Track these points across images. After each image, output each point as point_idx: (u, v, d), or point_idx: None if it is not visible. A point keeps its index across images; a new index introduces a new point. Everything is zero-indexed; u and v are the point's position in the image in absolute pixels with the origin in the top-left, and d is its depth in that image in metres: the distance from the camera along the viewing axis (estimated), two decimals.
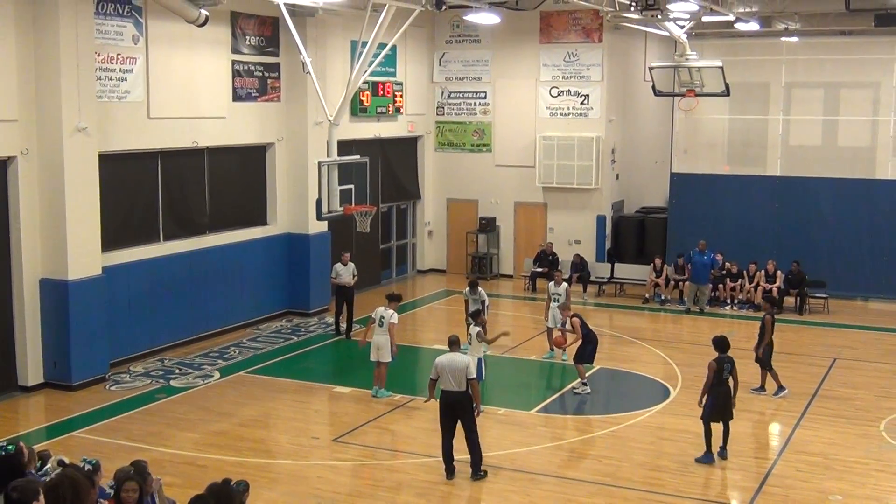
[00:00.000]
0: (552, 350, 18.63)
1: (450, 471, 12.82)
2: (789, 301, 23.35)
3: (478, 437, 12.82)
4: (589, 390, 16.63)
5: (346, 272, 20.48)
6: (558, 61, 26.02)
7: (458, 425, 12.80)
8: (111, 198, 17.54)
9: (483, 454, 12.91)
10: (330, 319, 21.75)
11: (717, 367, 13.54)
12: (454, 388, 12.70)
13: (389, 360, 16.28)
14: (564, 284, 18.81)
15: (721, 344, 13.89)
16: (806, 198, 24.94)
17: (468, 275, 19.25)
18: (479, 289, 18.76)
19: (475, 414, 12.84)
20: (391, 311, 16.33)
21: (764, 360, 16.68)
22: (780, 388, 16.65)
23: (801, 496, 12.47)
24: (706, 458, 13.49)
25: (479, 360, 15.65)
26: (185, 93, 19.21)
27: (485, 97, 27.04)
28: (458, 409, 12.72)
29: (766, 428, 15.72)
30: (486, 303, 18.65)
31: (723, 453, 13.67)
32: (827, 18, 24.10)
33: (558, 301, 18.40)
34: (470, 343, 15.93)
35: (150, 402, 15.98)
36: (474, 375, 12.90)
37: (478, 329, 16.07)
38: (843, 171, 24.81)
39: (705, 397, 13.61)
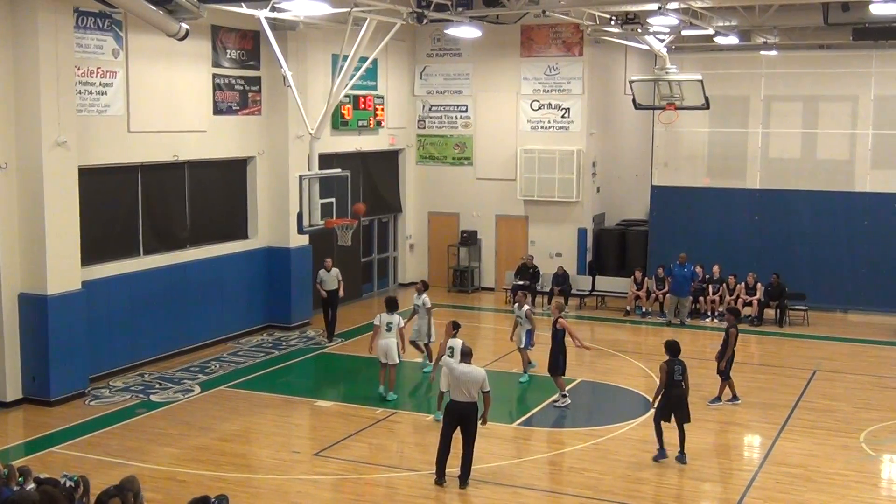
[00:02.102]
0: (526, 373, 18.49)
1: (441, 475, 12.99)
2: (769, 313, 23.46)
3: (473, 451, 12.96)
4: (569, 401, 16.64)
5: (329, 278, 20.84)
6: (539, 75, 26.12)
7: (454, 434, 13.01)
8: (91, 212, 17.45)
9: None
10: (311, 333, 21.72)
11: (668, 370, 13.95)
12: (465, 399, 12.80)
13: (398, 361, 16.86)
14: (526, 307, 18.40)
15: (672, 347, 14.28)
16: (785, 210, 25.09)
17: (417, 284, 19.38)
18: (424, 295, 18.86)
19: (481, 422, 13.09)
20: (397, 317, 16.94)
21: (725, 371, 16.83)
22: (735, 397, 16.94)
23: None
24: (660, 455, 13.96)
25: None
26: (166, 106, 19.16)
27: (466, 110, 27.10)
28: (466, 420, 12.85)
29: (746, 440, 15.77)
30: (430, 308, 18.86)
31: (681, 458, 13.90)
32: (805, 32, 24.30)
33: (521, 324, 18.29)
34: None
35: (130, 417, 15.88)
36: (489, 389, 13.03)
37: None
38: (822, 184, 24.97)
39: (658, 398, 14.06)
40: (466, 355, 13.27)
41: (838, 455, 14.42)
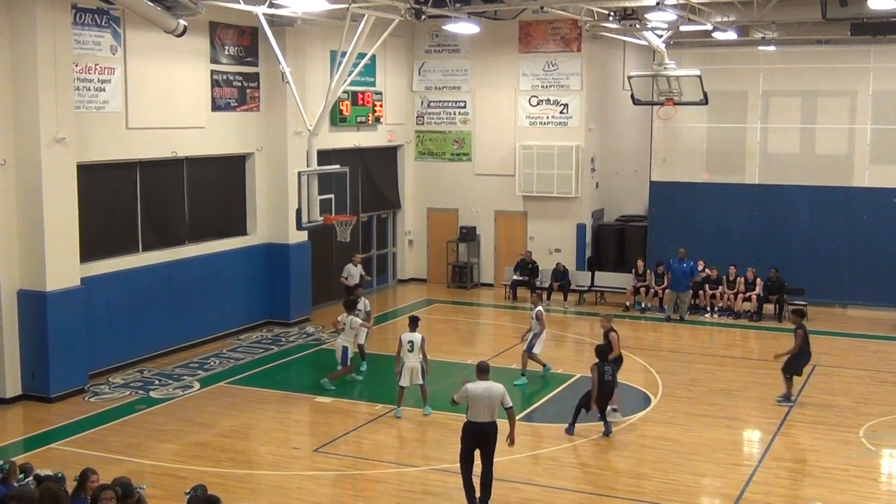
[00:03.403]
0: (524, 375, 18.10)
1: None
2: (768, 308, 23.47)
3: (493, 471, 12.11)
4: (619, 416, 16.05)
5: (356, 272, 21.13)
6: (537, 70, 26.10)
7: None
8: (90, 209, 17.45)
9: None
10: (311, 329, 21.74)
11: (599, 371, 14.84)
12: (486, 418, 11.83)
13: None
14: (539, 308, 18.08)
15: (600, 352, 15.21)
16: (784, 205, 25.09)
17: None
18: (363, 298, 18.93)
19: (508, 443, 12.11)
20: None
21: (789, 369, 16.79)
22: (787, 397, 16.77)
23: (782, 503, 12.51)
24: (569, 430, 15.11)
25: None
26: (164, 103, 19.14)
27: (464, 106, 27.08)
28: (486, 440, 11.91)
29: (746, 435, 15.78)
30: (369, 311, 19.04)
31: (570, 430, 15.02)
32: (804, 27, 24.27)
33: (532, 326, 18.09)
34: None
35: (129, 414, 15.88)
36: (511, 404, 12.09)
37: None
38: (821, 179, 24.97)
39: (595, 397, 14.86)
40: (483, 371, 12.20)
41: (838, 450, 14.44)
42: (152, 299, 18.99)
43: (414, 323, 16.31)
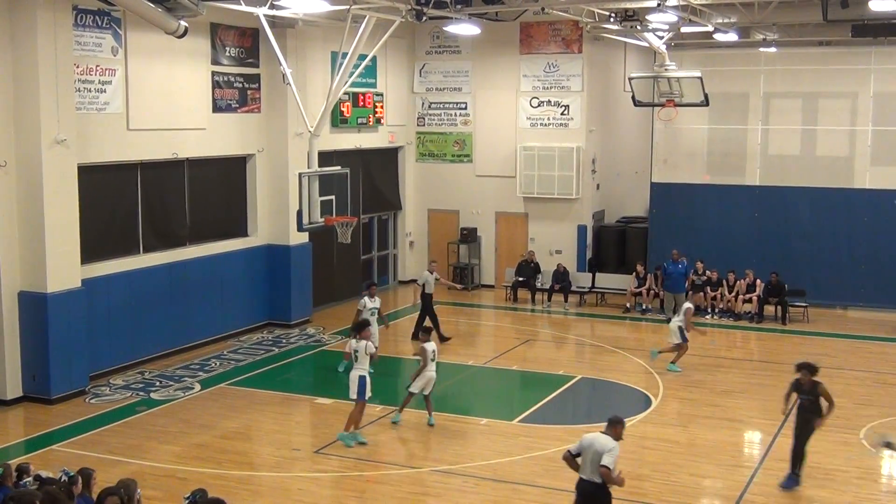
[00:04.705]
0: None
1: None
2: (769, 309, 23.46)
3: None
4: None
5: (433, 280, 20.99)
6: (538, 72, 26.11)
7: None
8: (90, 210, 17.44)
9: (465, 464, 12.86)
10: (311, 330, 21.75)
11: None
12: (587, 476, 10.17)
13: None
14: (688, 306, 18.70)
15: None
16: (785, 207, 25.09)
17: (367, 284, 19.41)
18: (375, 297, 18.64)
19: (617, 481, 10.15)
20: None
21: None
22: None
23: None
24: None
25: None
26: (165, 104, 19.15)
27: (465, 108, 27.08)
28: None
29: (747, 436, 15.77)
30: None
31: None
32: (805, 29, 24.29)
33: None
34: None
35: (130, 415, 15.88)
36: (608, 463, 10.01)
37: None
38: (822, 181, 24.97)
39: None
40: (613, 424, 10.38)
41: (839, 451, 14.42)
42: (153, 301, 18.98)
43: (427, 333, 15.77)
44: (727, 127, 25.91)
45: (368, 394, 14.52)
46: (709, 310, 23.96)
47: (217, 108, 20.50)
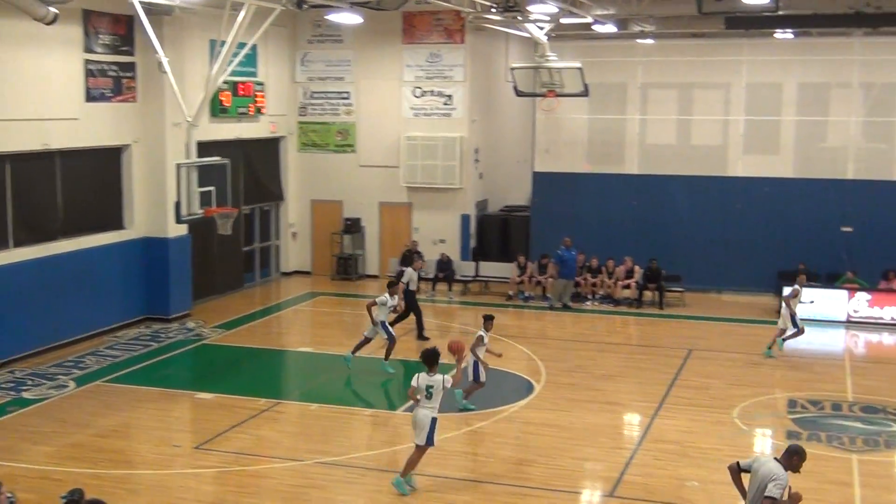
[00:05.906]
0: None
1: None
2: (647, 295, 24.04)
3: None
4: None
5: (416, 277, 20.73)
6: (421, 62, 26.11)
7: None
8: None
9: (348, 455, 12.79)
10: (191, 324, 21.31)
11: None
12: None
13: (426, 443, 13.49)
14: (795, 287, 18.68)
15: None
16: (662, 195, 25.71)
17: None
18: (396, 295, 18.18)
19: None
20: (440, 377, 12.48)
21: None
22: None
23: (660, 483, 12.82)
24: None
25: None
26: (35, 93, 18.45)
27: (348, 97, 26.91)
28: None
29: (626, 418, 16.12)
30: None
31: None
32: (680, 21, 24.85)
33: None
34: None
35: (1, 416, 15.29)
36: (774, 494, 8.80)
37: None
38: (697, 169, 25.68)
39: None
40: (791, 454, 9.14)
41: (713, 431, 14.87)
42: (24, 296, 18.30)
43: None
44: (607, 117, 26.40)
45: (436, 440, 12.59)
46: (589, 296, 24.41)
47: (90, 98, 19.86)
